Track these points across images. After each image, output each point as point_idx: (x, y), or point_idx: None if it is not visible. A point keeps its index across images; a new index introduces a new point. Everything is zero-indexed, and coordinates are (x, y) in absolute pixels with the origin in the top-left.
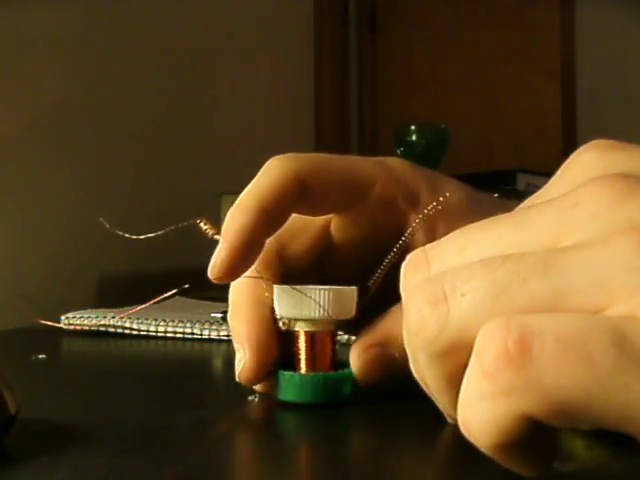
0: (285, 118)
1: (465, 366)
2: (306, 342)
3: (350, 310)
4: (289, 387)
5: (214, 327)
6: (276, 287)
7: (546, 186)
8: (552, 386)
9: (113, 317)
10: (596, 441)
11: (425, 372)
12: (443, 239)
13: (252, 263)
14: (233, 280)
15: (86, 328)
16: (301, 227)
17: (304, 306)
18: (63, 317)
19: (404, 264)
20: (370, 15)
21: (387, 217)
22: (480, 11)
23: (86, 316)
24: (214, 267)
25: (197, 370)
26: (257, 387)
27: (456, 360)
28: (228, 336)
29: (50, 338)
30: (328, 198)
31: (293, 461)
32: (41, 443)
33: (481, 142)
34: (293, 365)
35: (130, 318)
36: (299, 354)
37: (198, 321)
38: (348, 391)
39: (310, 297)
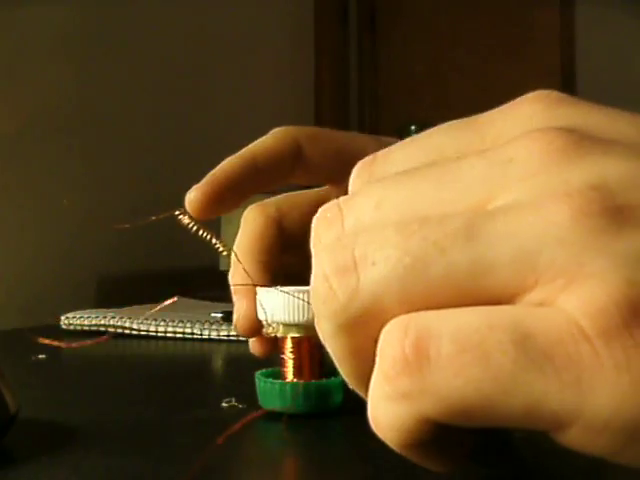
0: (285, 117)
1: (375, 340)
2: (293, 348)
3: None
4: (273, 395)
5: (214, 327)
6: (260, 290)
7: (481, 125)
8: (449, 389)
9: (113, 317)
10: None
11: (330, 341)
12: (360, 191)
13: (230, 208)
14: (207, 217)
15: (86, 328)
16: (300, 199)
17: (291, 310)
18: (63, 317)
19: (315, 217)
20: (370, 15)
21: None
22: (480, 11)
23: (86, 316)
24: (190, 199)
25: (197, 370)
26: (252, 345)
27: (365, 333)
28: (228, 336)
29: (50, 338)
30: (323, 166)
31: (286, 463)
32: (41, 443)
33: None
34: (280, 373)
35: (130, 318)
36: (285, 360)
37: (198, 321)
38: (339, 400)
39: (298, 298)
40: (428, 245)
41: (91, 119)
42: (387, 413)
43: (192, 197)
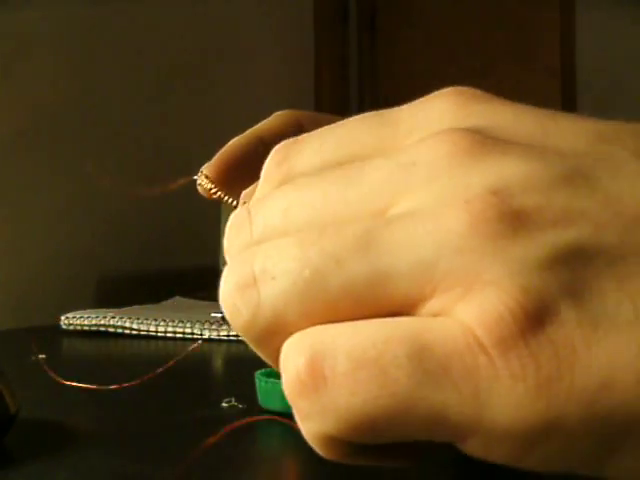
0: None
1: None
2: None
3: None
4: (274, 395)
5: (214, 327)
6: None
7: (395, 120)
8: (348, 408)
9: (113, 317)
10: None
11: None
12: (269, 194)
13: (239, 187)
14: (222, 191)
15: (86, 328)
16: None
17: None
18: (63, 317)
19: (228, 224)
20: (370, 15)
21: None
22: (480, 11)
23: (86, 316)
24: (203, 178)
25: (197, 370)
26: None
27: (275, 346)
28: (228, 336)
29: (50, 338)
30: None
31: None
32: (41, 443)
33: None
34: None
35: (130, 318)
36: None
37: (198, 321)
38: None
39: None
40: (326, 257)
41: (91, 118)
42: (303, 429)
43: (207, 170)
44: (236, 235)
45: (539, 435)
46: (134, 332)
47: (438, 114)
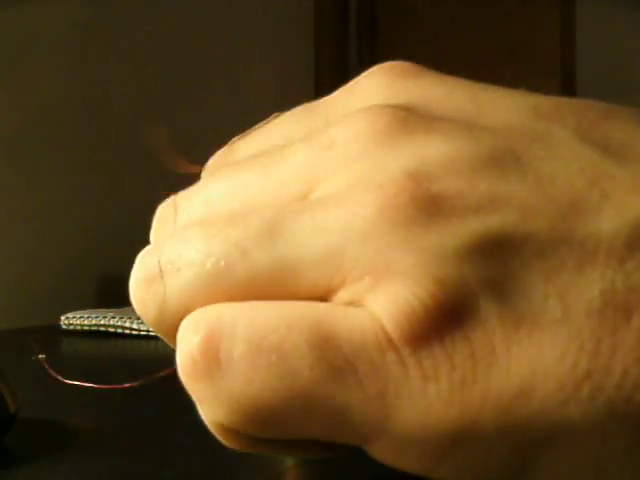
0: None
1: None
2: None
3: None
4: None
5: None
6: None
7: (326, 105)
8: (242, 397)
9: (113, 317)
10: None
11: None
12: (196, 184)
13: None
14: None
15: (86, 328)
16: None
17: None
18: (63, 317)
19: (155, 215)
20: (370, 15)
21: None
22: (480, 11)
23: (86, 316)
24: None
25: None
26: None
27: None
28: None
29: (50, 338)
30: None
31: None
32: (41, 443)
33: None
34: None
35: (130, 318)
36: None
37: None
38: None
39: None
40: (229, 247)
41: (92, 118)
42: (201, 414)
43: None
44: (162, 228)
45: (451, 443)
46: (134, 332)
47: (367, 93)
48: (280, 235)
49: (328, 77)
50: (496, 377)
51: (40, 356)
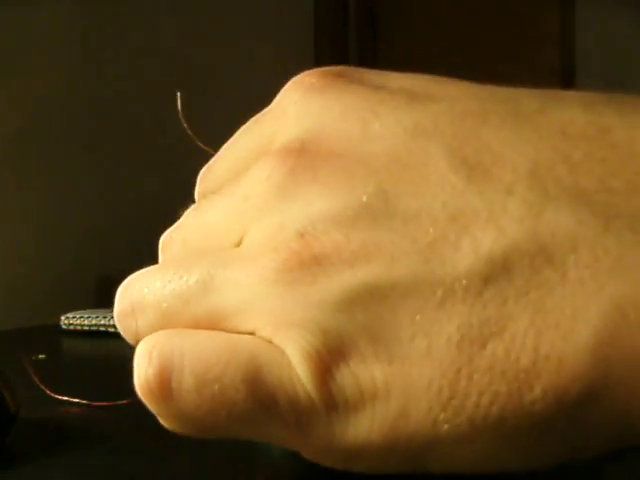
0: None
1: None
2: None
3: None
4: None
5: None
6: None
7: (262, 125)
8: (191, 418)
9: (113, 317)
10: None
11: None
12: (181, 221)
13: None
14: None
15: (86, 328)
16: None
17: None
18: (63, 317)
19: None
20: (370, 15)
21: None
22: (480, 11)
23: (86, 316)
24: None
25: None
26: None
27: None
28: None
29: (50, 338)
30: None
31: (289, 462)
32: (41, 443)
33: None
34: None
35: None
36: None
37: None
38: None
39: None
40: (175, 297)
41: (92, 117)
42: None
43: None
44: (162, 255)
45: (352, 456)
46: None
47: (283, 113)
48: (210, 289)
49: None
50: (379, 403)
51: (40, 356)
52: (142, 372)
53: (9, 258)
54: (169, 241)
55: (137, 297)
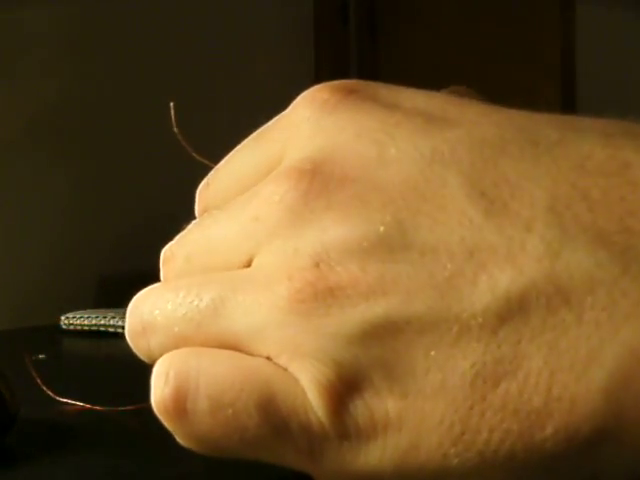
0: None
1: None
2: None
3: None
4: None
5: None
6: None
7: (267, 140)
8: (205, 439)
9: (113, 317)
10: None
11: None
12: (182, 235)
13: None
14: None
15: (86, 328)
16: None
17: None
18: (63, 317)
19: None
20: (370, 15)
21: None
22: (480, 11)
23: (86, 316)
24: None
25: None
26: None
27: None
28: None
29: (50, 338)
30: None
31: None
32: (41, 443)
33: None
34: None
35: None
36: None
37: None
38: None
39: None
40: (186, 321)
41: (92, 119)
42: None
43: None
44: (163, 268)
45: None
46: None
47: (295, 129)
48: (222, 314)
49: (328, 77)
50: (391, 435)
51: (40, 356)
52: (159, 392)
53: (9, 258)
54: (170, 256)
55: (148, 318)
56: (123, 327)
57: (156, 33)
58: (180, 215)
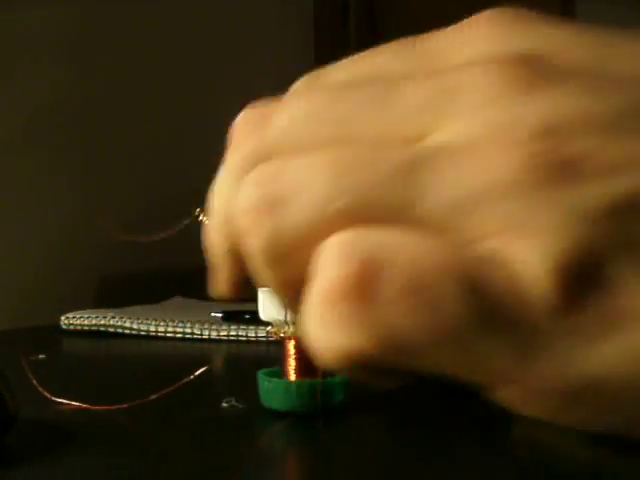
0: None
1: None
2: (295, 347)
3: None
4: (277, 395)
5: (214, 327)
6: (261, 290)
7: (431, 45)
8: (391, 329)
9: (113, 317)
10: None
11: (258, 272)
12: (290, 97)
13: None
14: None
15: (86, 328)
16: None
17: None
18: (63, 317)
19: (237, 119)
20: (370, 15)
21: None
22: (480, 11)
23: (86, 316)
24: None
25: (197, 370)
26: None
27: (296, 263)
28: (228, 336)
29: (50, 338)
30: None
31: (289, 463)
32: (41, 443)
33: None
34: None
35: (130, 318)
36: (288, 360)
37: (198, 321)
38: (341, 398)
39: None
40: (362, 190)
41: (91, 118)
42: (320, 338)
43: None
44: (246, 136)
45: (583, 395)
46: (134, 332)
47: (480, 39)
48: (413, 182)
49: None
50: (633, 332)
51: (40, 356)
52: (341, 266)
53: (9, 258)
54: (260, 117)
55: (288, 189)
56: (123, 327)
57: (155, 33)
58: (180, 215)
